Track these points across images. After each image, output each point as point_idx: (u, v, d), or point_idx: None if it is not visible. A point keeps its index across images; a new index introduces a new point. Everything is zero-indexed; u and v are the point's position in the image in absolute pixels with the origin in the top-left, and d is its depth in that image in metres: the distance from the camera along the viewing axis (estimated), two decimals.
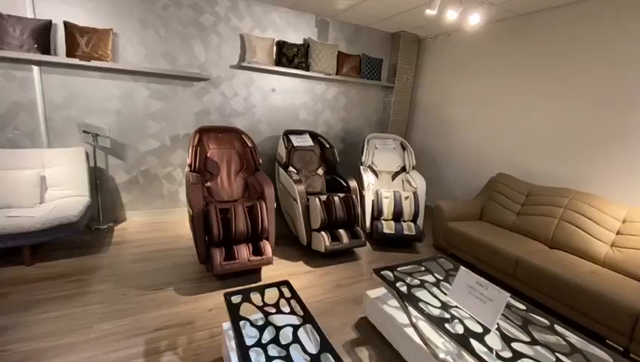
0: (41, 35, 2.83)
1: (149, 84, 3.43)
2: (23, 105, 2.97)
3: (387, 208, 3.43)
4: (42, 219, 2.43)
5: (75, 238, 2.98)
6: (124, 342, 1.85)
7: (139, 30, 3.28)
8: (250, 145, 3.30)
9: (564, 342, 1.59)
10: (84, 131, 3.12)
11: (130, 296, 2.28)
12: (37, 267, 2.53)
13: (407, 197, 3.47)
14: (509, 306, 1.83)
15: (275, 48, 3.90)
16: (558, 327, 1.70)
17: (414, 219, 3.43)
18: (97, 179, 3.31)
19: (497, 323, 1.62)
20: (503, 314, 1.69)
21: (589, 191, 2.90)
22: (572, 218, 2.76)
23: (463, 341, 1.51)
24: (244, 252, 2.47)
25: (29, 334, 1.85)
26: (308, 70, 4.06)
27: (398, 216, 3.40)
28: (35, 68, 2.95)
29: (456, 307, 1.80)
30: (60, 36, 2.99)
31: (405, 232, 3.32)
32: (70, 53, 2.97)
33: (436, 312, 1.75)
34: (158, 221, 3.67)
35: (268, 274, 2.71)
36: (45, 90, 3.03)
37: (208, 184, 3.04)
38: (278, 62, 3.93)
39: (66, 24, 2.92)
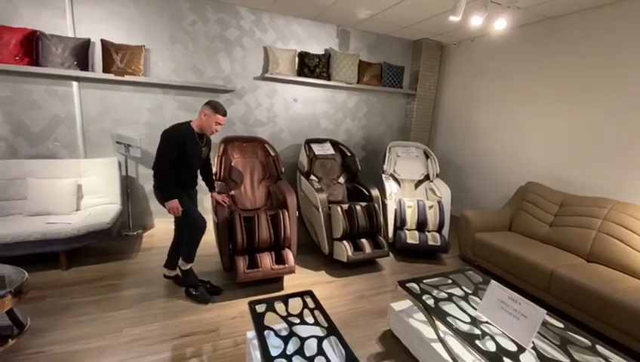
0: (81, 52, 3.03)
1: (177, 97, 3.57)
2: (62, 118, 3.17)
3: (411, 217, 3.36)
4: (78, 226, 2.56)
5: (107, 244, 3.10)
6: (152, 348, 1.90)
7: (169, 45, 3.44)
8: (272, 154, 3.34)
9: None
10: (117, 142, 3.29)
11: (157, 301, 2.35)
12: (72, 271, 2.66)
13: (431, 207, 3.38)
14: (544, 324, 1.72)
15: (297, 59, 3.96)
16: (599, 348, 1.58)
17: (439, 229, 3.33)
18: (128, 188, 3.46)
19: (533, 342, 1.53)
20: (538, 332, 1.59)
21: (629, 201, 2.71)
22: (612, 230, 2.59)
23: (495, 359, 1.43)
24: (266, 260, 2.49)
25: (63, 336, 1.94)
26: (329, 80, 4.10)
27: (422, 225, 3.31)
28: (75, 83, 3.15)
29: (486, 323, 1.72)
30: (97, 53, 3.18)
31: (430, 243, 3.23)
32: (106, 69, 3.15)
33: (465, 327, 1.68)
34: None
35: (290, 283, 2.71)
36: (83, 104, 3.23)
37: (232, 192, 3.09)
38: (300, 73, 3.99)
39: (103, 42, 3.11)
